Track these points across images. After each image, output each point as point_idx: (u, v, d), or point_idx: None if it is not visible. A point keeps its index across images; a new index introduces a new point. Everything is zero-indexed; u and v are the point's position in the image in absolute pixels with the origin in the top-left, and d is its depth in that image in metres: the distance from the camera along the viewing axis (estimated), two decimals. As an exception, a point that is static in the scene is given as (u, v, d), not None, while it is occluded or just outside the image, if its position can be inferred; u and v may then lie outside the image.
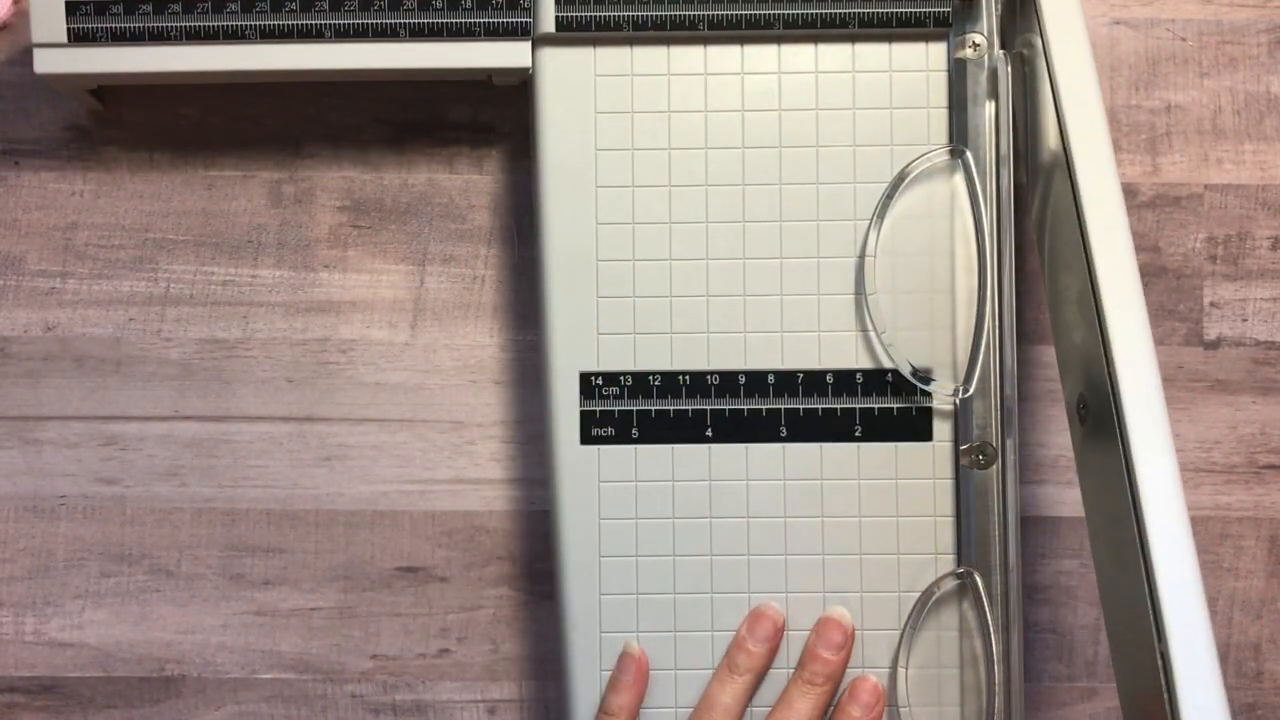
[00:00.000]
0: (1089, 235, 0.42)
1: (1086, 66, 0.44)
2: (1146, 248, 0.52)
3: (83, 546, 0.52)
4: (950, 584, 0.47)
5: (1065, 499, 0.52)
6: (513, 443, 0.52)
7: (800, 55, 0.47)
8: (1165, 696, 0.37)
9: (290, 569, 0.52)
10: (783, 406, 0.47)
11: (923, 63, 0.47)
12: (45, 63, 0.47)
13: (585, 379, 0.47)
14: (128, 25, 0.46)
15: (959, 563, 0.47)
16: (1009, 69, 0.46)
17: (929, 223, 0.47)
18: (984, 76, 0.46)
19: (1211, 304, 0.52)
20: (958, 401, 0.47)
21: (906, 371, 0.47)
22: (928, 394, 0.47)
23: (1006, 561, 0.46)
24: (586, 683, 0.47)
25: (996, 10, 0.47)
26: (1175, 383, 0.52)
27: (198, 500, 0.52)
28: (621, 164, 0.47)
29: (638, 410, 0.47)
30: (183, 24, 0.46)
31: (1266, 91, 0.52)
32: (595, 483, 0.47)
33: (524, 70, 0.47)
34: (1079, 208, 0.43)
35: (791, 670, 0.47)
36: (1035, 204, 0.46)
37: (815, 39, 0.47)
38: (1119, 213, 0.43)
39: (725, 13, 0.47)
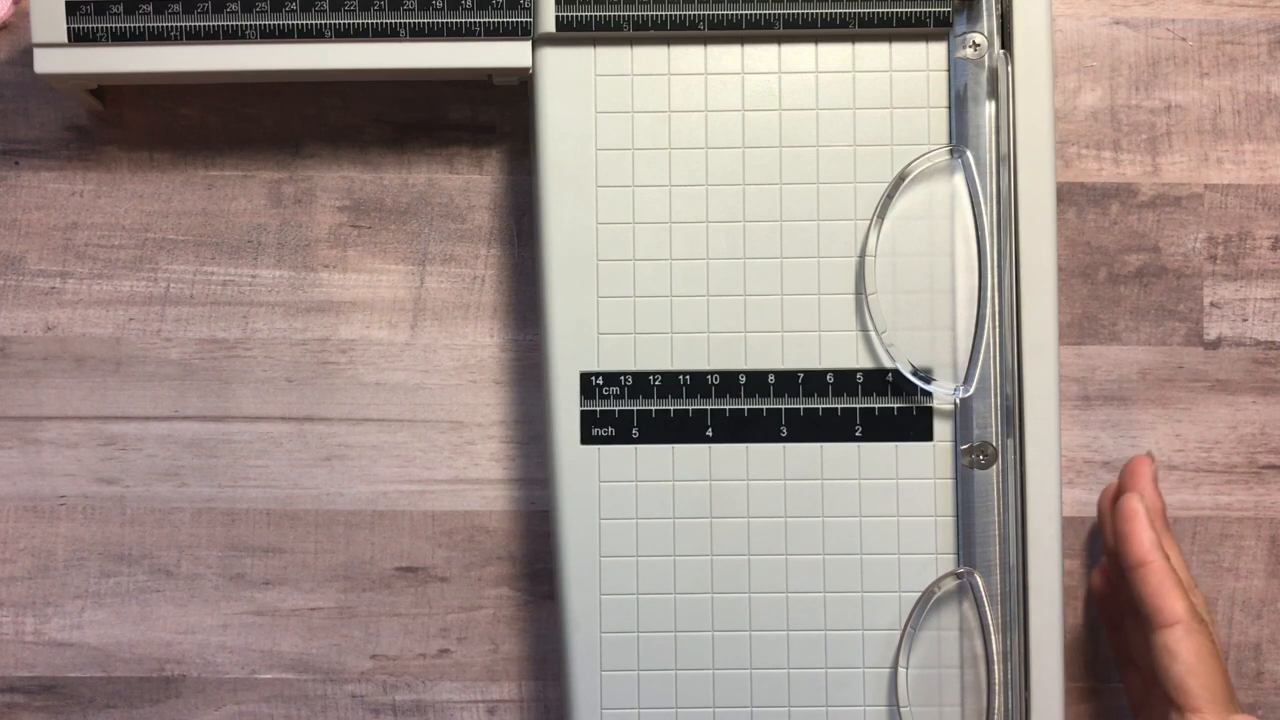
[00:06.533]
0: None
1: (1044, 68, 0.46)
2: (1146, 248, 0.52)
3: (83, 546, 0.52)
4: (950, 584, 0.47)
5: (1066, 499, 0.52)
6: (513, 443, 0.52)
7: (800, 55, 0.47)
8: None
9: (290, 569, 0.52)
10: (783, 406, 0.47)
11: (923, 63, 0.47)
12: (45, 63, 0.47)
13: (585, 379, 0.47)
14: (128, 25, 0.46)
15: (959, 563, 0.47)
16: (1009, 69, 0.46)
17: (929, 223, 0.47)
18: (984, 76, 0.46)
19: (1211, 304, 0.52)
20: (958, 401, 0.47)
21: (907, 371, 0.47)
22: (928, 394, 0.47)
23: (1007, 561, 0.46)
24: (587, 683, 0.47)
25: (996, 10, 0.47)
26: (1175, 383, 0.52)
27: (198, 500, 0.52)
28: (621, 164, 0.47)
29: (638, 410, 0.47)
30: (183, 24, 0.46)
31: (1266, 91, 0.52)
32: (595, 483, 0.47)
33: (524, 70, 0.47)
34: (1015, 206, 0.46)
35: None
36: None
37: (815, 39, 0.47)
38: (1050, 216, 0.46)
39: (725, 13, 0.47)
